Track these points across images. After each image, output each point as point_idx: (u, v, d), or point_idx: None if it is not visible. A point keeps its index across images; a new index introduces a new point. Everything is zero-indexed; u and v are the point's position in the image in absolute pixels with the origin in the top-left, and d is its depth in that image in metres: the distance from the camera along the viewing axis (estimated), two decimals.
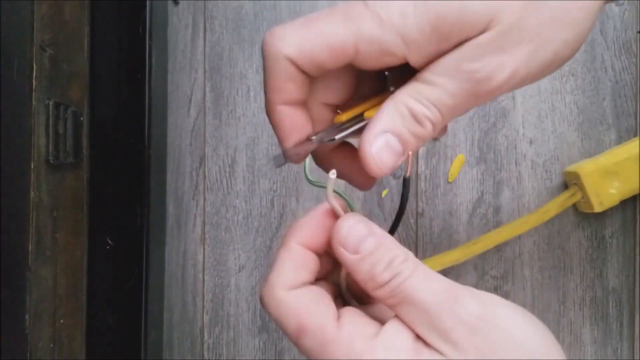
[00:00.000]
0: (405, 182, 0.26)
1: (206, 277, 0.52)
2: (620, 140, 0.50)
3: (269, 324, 0.51)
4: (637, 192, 0.47)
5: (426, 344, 0.22)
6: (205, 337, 0.52)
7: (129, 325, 0.45)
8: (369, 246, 0.23)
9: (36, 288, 0.38)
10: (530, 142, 0.50)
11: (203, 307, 0.52)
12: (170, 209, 0.52)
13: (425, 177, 0.50)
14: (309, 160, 0.30)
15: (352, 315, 0.23)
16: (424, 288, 0.22)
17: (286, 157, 0.25)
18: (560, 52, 0.24)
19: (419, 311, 0.21)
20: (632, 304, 0.50)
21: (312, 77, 0.24)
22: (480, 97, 0.23)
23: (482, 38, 0.23)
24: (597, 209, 0.45)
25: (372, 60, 0.23)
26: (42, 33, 0.39)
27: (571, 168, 0.47)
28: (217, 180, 0.52)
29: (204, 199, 0.52)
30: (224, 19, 0.52)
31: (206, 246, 0.52)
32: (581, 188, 0.46)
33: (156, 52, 0.46)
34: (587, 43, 0.50)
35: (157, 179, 0.48)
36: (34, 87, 0.37)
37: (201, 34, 0.52)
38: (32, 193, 0.37)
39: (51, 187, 0.40)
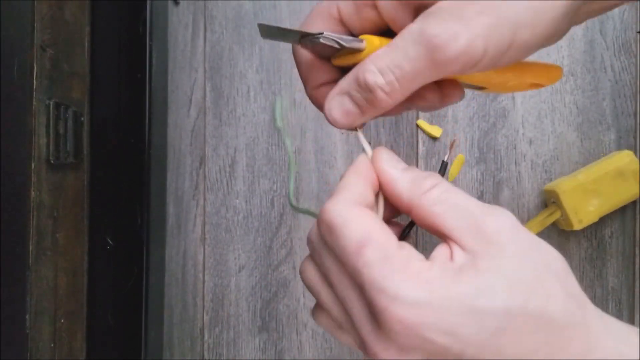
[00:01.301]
0: (442, 166, 0.28)
1: (206, 277, 0.52)
2: (620, 140, 0.50)
3: (269, 323, 0.51)
4: (615, 208, 0.47)
5: (470, 255, 0.22)
6: (205, 337, 0.52)
7: (129, 325, 0.45)
8: (405, 165, 0.26)
9: (37, 288, 0.38)
10: (530, 142, 0.50)
11: (203, 307, 0.52)
12: (171, 209, 0.52)
13: None
14: (292, 185, 0.31)
15: (405, 243, 0.24)
16: (466, 196, 0.23)
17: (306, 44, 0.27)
18: (519, 33, 0.24)
19: (466, 215, 0.23)
20: (632, 304, 0.50)
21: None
22: (438, 67, 0.24)
23: (444, 3, 0.24)
24: (577, 226, 0.46)
25: (354, 17, 0.27)
26: (43, 33, 0.39)
27: (550, 186, 0.48)
28: (217, 180, 0.52)
29: (204, 199, 0.52)
30: (224, 19, 0.52)
31: (206, 246, 0.52)
32: (560, 206, 0.46)
33: (156, 52, 0.46)
34: (586, 43, 0.50)
35: (157, 179, 0.48)
36: (34, 87, 0.38)
37: (201, 34, 0.52)
38: (32, 193, 0.37)
39: (52, 187, 0.40)
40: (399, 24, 0.26)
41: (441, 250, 0.23)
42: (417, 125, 0.50)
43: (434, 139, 0.50)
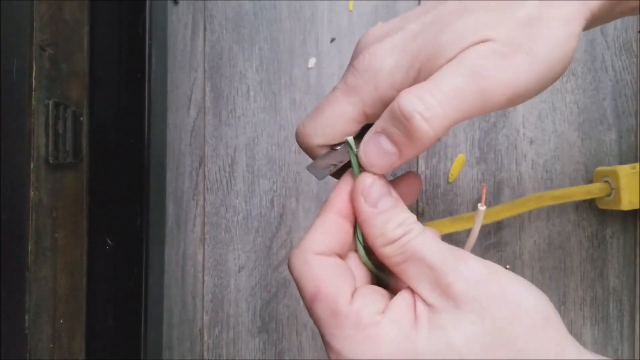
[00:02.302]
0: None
1: (206, 278, 0.52)
2: (621, 140, 0.50)
3: (269, 324, 0.51)
4: None
5: (428, 308, 0.22)
6: (205, 338, 0.52)
7: (129, 326, 0.45)
8: (387, 204, 0.24)
9: (36, 288, 0.38)
10: (531, 142, 0.50)
11: (203, 307, 0.52)
12: (170, 209, 0.52)
13: (426, 177, 0.50)
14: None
15: (366, 291, 0.24)
16: (430, 246, 0.23)
17: (318, 170, 0.27)
18: (553, 66, 0.24)
19: (424, 267, 0.22)
20: (633, 304, 0.50)
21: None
22: (484, 95, 0.23)
23: (484, 46, 0.23)
24: (625, 206, 0.46)
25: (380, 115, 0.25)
26: (42, 33, 0.39)
27: (608, 167, 0.48)
28: (216, 180, 0.52)
29: (204, 199, 0.52)
30: (223, 19, 0.52)
31: (206, 246, 0.52)
32: (614, 183, 0.47)
33: (156, 52, 0.46)
34: (587, 42, 0.50)
35: (157, 179, 0.48)
36: (33, 87, 0.37)
37: (201, 34, 0.52)
38: (31, 193, 0.37)
39: (51, 187, 0.40)
40: None
41: (404, 296, 0.23)
42: None
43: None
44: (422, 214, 0.50)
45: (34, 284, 0.38)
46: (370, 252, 0.26)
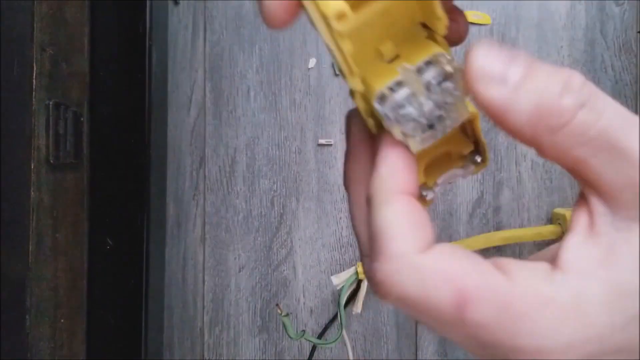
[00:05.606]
0: None
1: (206, 277, 0.52)
2: None
3: (269, 323, 0.51)
4: None
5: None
6: (206, 337, 0.52)
7: (129, 325, 0.45)
8: (522, 67, 0.15)
9: (37, 288, 0.38)
10: None
11: (203, 307, 0.52)
12: (171, 209, 0.52)
13: None
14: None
15: (510, 261, 0.15)
16: (629, 130, 0.14)
17: None
18: None
19: (629, 164, 0.14)
20: None
21: None
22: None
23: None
24: None
25: None
26: (43, 33, 0.39)
27: (561, 211, 0.48)
28: (217, 180, 0.52)
29: (204, 199, 0.52)
30: (224, 19, 0.52)
31: (206, 246, 0.52)
32: (564, 226, 0.48)
33: (156, 53, 0.46)
34: (587, 43, 0.50)
35: (158, 179, 0.48)
36: (34, 87, 0.38)
37: (201, 34, 0.52)
38: (32, 193, 0.37)
39: (51, 187, 0.40)
40: None
41: (580, 220, 0.15)
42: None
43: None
44: None
45: (35, 283, 0.38)
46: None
